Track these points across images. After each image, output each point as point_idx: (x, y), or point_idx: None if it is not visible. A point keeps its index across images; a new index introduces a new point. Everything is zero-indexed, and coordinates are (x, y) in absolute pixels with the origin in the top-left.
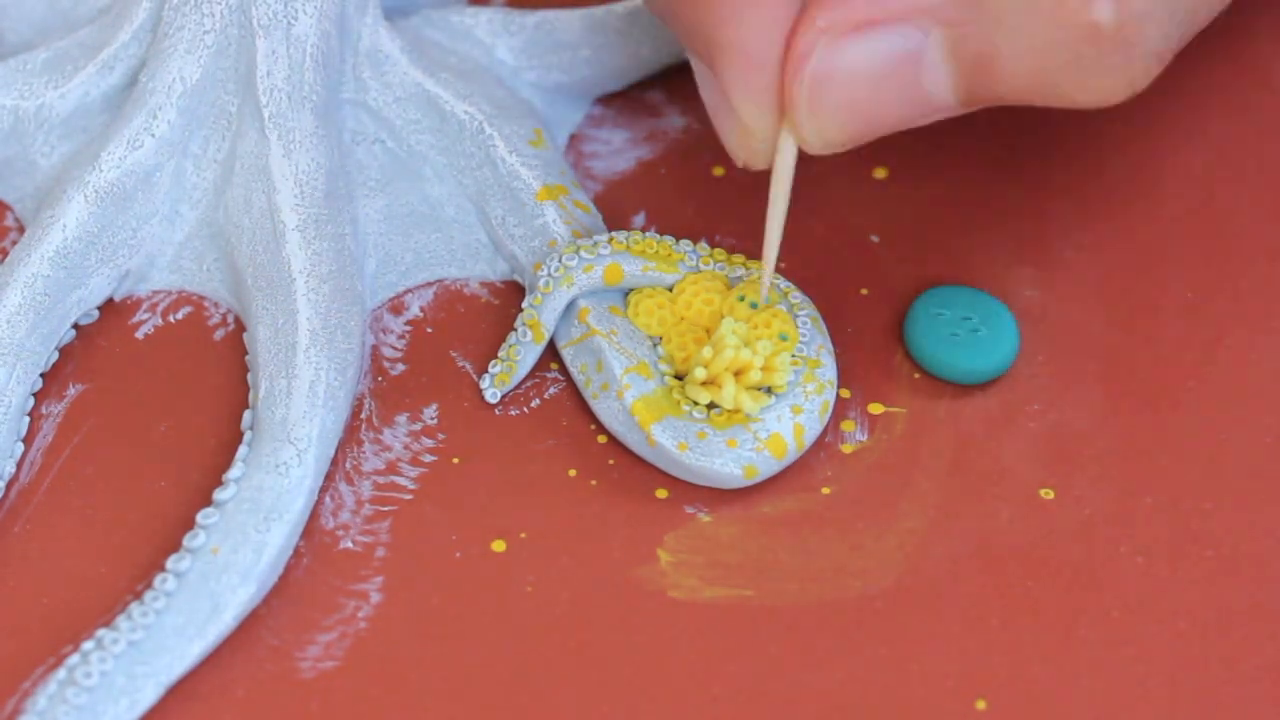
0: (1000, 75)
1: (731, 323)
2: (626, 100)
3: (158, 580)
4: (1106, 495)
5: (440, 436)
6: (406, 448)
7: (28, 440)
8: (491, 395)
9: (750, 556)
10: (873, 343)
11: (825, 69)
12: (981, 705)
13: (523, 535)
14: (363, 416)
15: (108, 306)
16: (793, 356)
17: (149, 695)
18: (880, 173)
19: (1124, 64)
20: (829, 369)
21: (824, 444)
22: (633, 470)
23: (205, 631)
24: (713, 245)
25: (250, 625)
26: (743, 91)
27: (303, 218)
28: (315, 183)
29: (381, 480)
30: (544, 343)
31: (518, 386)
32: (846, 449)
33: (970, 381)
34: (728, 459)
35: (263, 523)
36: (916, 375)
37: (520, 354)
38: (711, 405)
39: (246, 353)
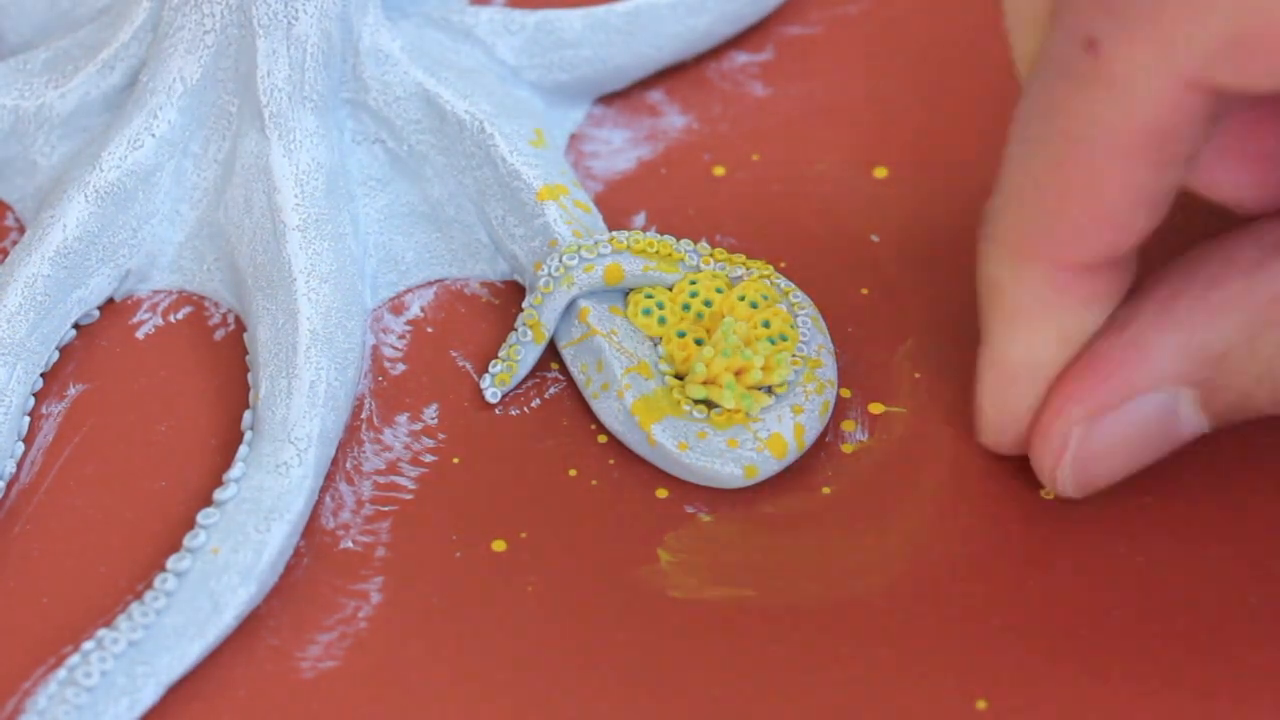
0: (1255, 405)
1: (732, 322)
2: (626, 100)
3: (158, 580)
4: (1106, 496)
5: (440, 436)
6: (407, 448)
7: (28, 440)
8: (492, 395)
9: (750, 556)
10: (873, 343)
11: (1087, 452)
12: (982, 705)
13: (523, 535)
14: (363, 416)
15: (108, 306)
16: (793, 356)
17: (149, 695)
18: (880, 173)
19: None
20: (829, 369)
21: (824, 444)
22: (633, 470)
23: (205, 631)
24: (713, 245)
25: (250, 625)
26: (989, 398)
27: (303, 217)
28: (315, 182)
29: (382, 480)
30: (544, 343)
31: (518, 386)
32: (847, 449)
33: None
34: (728, 459)
35: (263, 523)
36: (917, 375)
37: (521, 354)
38: (711, 405)
39: (247, 353)
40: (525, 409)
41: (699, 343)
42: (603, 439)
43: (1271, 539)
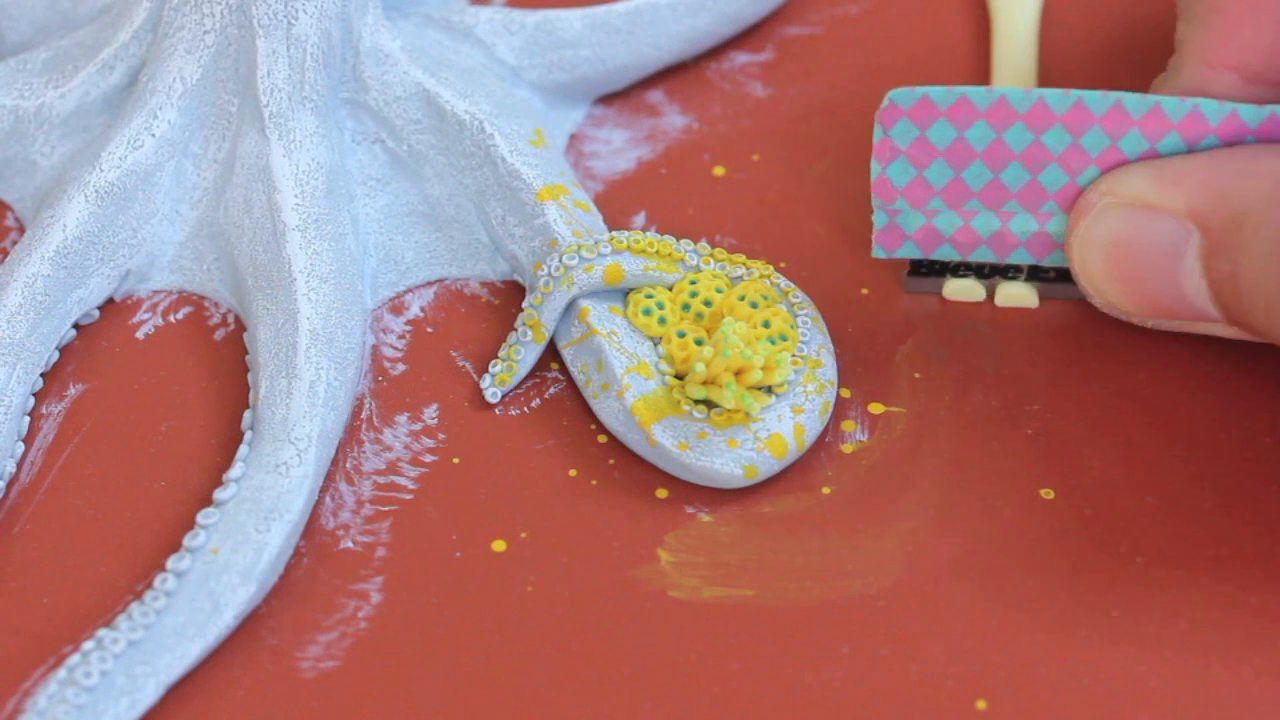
0: (1243, 304)
1: (732, 322)
2: (626, 100)
3: (158, 580)
4: (1106, 495)
5: (440, 436)
6: (406, 448)
7: (28, 440)
8: (492, 395)
9: (750, 556)
10: (873, 343)
11: (1095, 230)
12: (981, 705)
13: (523, 535)
14: (363, 416)
15: (108, 306)
16: (793, 356)
17: (149, 695)
18: None
19: None
20: (829, 369)
21: (824, 444)
22: (633, 470)
23: (205, 631)
24: (713, 245)
25: (250, 625)
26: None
27: (303, 217)
28: (315, 182)
29: (382, 480)
30: (544, 343)
31: (518, 386)
32: (846, 449)
33: None
34: (728, 459)
35: (263, 522)
36: (917, 375)
37: (520, 354)
38: (711, 405)
39: (246, 353)
40: (525, 409)
41: (699, 343)
42: (603, 439)
43: (1271, 539)
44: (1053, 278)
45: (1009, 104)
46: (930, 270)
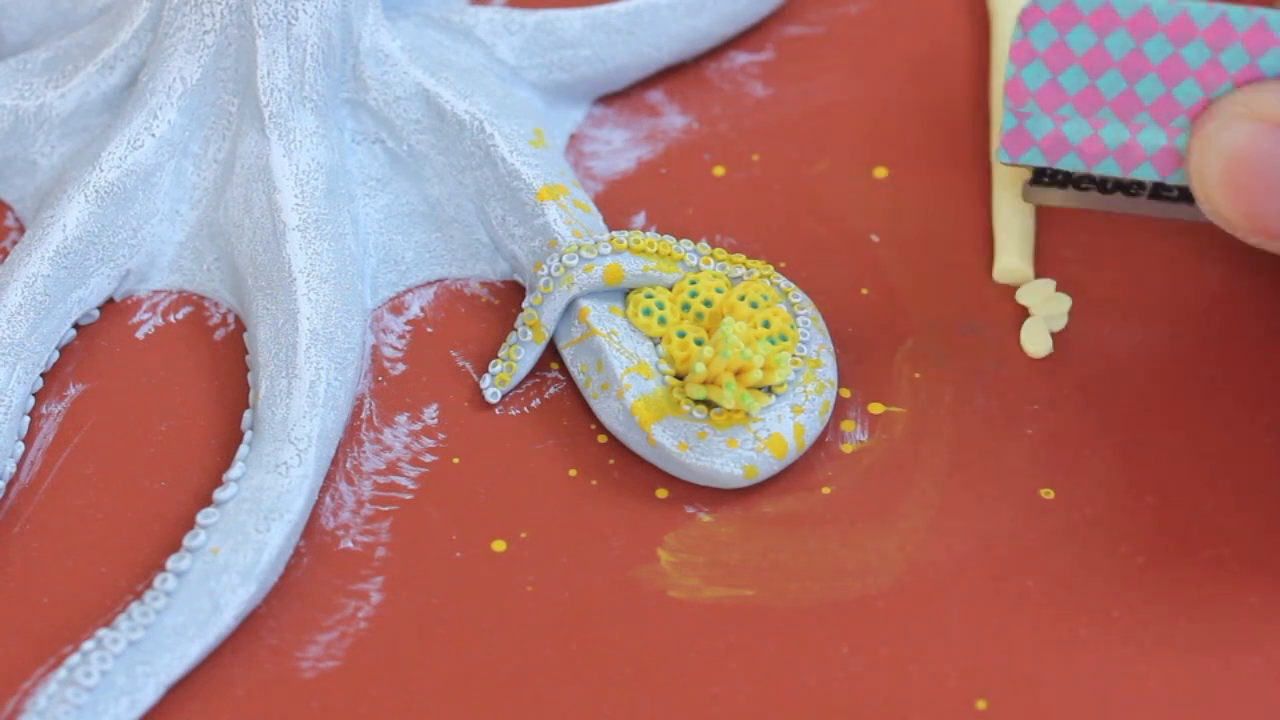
0: None
1: (732, 322)
2: (626, 100)
3: (158, 580)
4: (1106, 495)
5: (440, 436)
6: (407, 448)
7: (28, 440)
8: (492, 395)
9: (750, 556)
10: (873, 343)
11: (1220, 136)
12: (982, 705)
13: (523, 535)
14: (363, 416)
15: (108, 306)
16: (793, 356)
17: (149, 695)
18: (880, 173)
19: None
20: (829, 369)
21: (824, 444)
22: (633, 470)
23: (205, 631)
24: (713, 245)
25: (250, 625)
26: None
27: (303, 217)
28: (315, 182)
29: (382, 480)
30: (544, 342)
31: (518, 386)
32: (846, 449)
33: None
34: (728, 459)
35: (263, 522)
36: (917, 375)
37: (520, 354)
38: (711, 405)
39: (246, 353)
40: (525, 409)
41: (699, 343)
42: (603, 439)
43: (1272, 539)
44: (1175, 197)
45: (1152, 14)
46: (1053, 180)
